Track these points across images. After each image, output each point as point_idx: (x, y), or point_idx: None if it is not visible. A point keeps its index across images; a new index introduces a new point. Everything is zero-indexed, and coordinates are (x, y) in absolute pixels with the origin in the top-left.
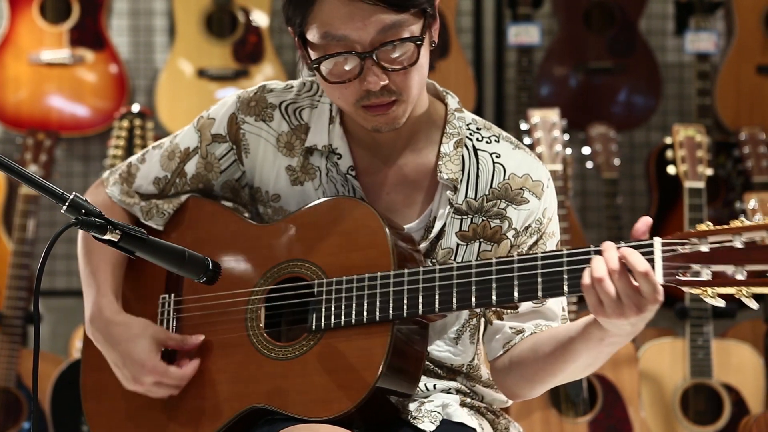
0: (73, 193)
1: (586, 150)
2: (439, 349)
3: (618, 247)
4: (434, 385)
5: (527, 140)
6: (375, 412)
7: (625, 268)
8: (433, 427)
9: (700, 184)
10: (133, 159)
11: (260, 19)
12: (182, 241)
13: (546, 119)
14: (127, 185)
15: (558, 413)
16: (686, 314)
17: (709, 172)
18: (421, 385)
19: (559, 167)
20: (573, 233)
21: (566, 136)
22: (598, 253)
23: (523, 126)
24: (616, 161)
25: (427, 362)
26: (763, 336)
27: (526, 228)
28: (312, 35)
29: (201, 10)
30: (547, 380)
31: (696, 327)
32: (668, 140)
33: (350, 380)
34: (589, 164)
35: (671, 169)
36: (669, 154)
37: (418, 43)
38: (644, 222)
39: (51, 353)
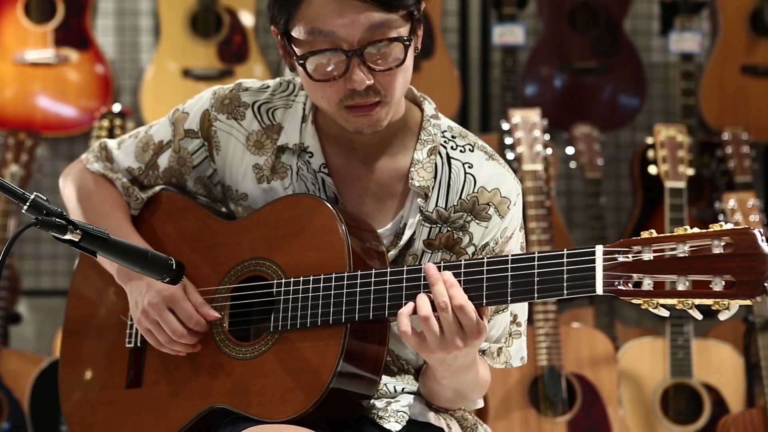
0: (34, 193)
1: (570, 150)
2: (406, 351)
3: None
4: (402, 389)
5: (508, 140)
6: (335, 413)
7: (450, 305)
8: (399, 427)
9: (681, 184)
10: (109, 142)
11: (245, 19)
12: (152, 236)
13: (527, 119)
14: (109, 162)
15: (537, 413)
16: None
17: (690, 172)
18: (389, 387)
19: (539, 167)
20: (557, 233)
21: (547, 136)
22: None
23: (504, 126)
24: (600, 161)
25: (401, 362)
26: (742, 336)
27: (484, 246)
28: (298, 32)
29: (186, 10)
30: (440, 401)
31: (676, 327)
32: (650, 140)
33: (306, 381)
34: (573, 164)
35: (653, 169)
36: (652, 154)
37: (406, 43)
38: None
39: (35, 354)
